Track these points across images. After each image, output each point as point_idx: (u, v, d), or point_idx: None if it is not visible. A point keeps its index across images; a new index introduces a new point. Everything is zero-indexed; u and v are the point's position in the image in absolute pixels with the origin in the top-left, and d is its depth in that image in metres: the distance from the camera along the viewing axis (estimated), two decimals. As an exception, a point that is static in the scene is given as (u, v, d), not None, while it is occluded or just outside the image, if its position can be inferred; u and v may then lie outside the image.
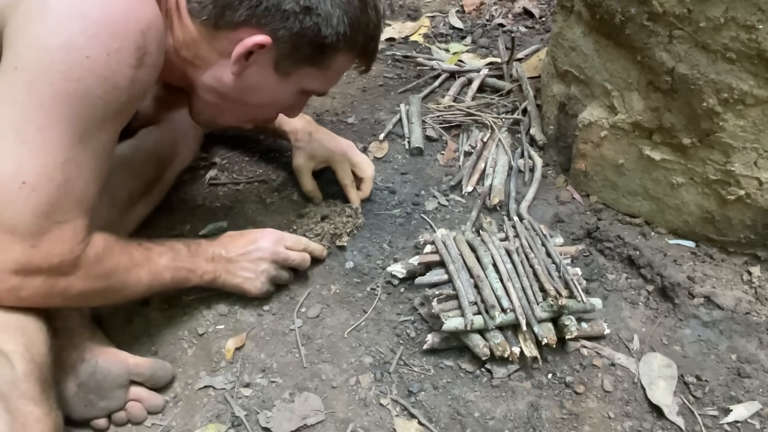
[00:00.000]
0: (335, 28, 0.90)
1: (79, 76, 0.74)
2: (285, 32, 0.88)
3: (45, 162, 0.75)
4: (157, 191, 1.20)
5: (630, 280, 1.20)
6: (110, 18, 0.74)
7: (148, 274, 0.93)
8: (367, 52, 0.99)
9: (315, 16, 0.88)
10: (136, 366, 0.94)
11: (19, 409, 0.68)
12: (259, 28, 0.88)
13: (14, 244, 0.76)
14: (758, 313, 1.11)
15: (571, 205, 1.35)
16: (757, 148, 1.08)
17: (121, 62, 0.76)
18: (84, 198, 0.81)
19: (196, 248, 1.02)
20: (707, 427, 0.97)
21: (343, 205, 1.27)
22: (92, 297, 0.88)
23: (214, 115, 1.04)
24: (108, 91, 0.76)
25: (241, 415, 0.95)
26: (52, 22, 0.73)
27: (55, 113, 0.74)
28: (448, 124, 1.57)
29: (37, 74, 0.73)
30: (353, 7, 0.91)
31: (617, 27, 1.15)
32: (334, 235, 1.22)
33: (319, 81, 0.99)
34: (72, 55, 0.73)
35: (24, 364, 0.75)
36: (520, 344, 1.01)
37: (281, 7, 0.86)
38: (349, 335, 1.08)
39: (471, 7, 2.14)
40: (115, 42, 0.74)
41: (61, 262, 0.79)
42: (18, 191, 0.74)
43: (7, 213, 0.75)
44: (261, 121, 1.11)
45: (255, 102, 0.99)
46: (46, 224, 0.77)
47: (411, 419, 0.96)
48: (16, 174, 0.74)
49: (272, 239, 1.08)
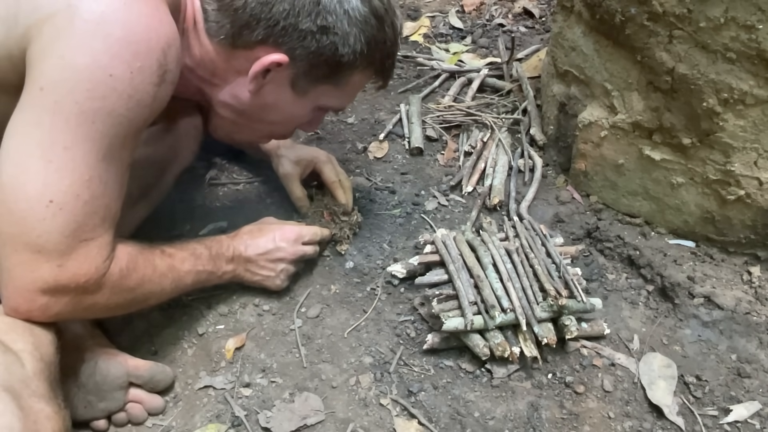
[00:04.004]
0: (352, 47, 0.90)
1: (103, 95, 0.74)
2: (302, 51, 0.89)
3: (72, 181, 0.75)
4: (157, 192, 1.20)
5: (630, 280, 1.20)
6: (133, 37, 0.75)
7: (171, 282, 0.94)
8: (384, 69, 1.00)
9: (332, 36, 0.88)
10: (135, 368, 0.94)
11: (30, 406, 0.68)
12: (277, 47, 0.88)
13: (42, 263, 0.76)
14: (758, 313, 1.11)
15: (571, 205, 1.35)
16: (757, 148, 1.08)
17: (144, 80, 0.76)
18: (108, 214, 0.81)
19: (217, 249, 1.02)
20: (707, 427, 0.97)
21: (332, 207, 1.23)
22: (117, 309, 0.90)
23: (230, 131, 1.05)
24: (131, 109, 0.77)
25: (241, 415, 0.95)
26: (77, 42, 0.73)
27: (81, 132, 0.75)
28: (448, 124, 1.57)
29: (62, 93, 0.73)
30: (370, 25, 0.91)
31: (617, 27, 1.15)
32: (335, 242, 1.22)
33: (336, 98, 1.00)
34: (96, 74, 0.73)
35: (33, 362, 0.75)
36: (520, 344, 1.01)
37: (298, 27, 0.86)
38: (349, 335, 1.08)
39: (471, 7, 2.14)
40: (138, 60, 0.75)
41: (88, 281, 0.80)
42: (45, 210, 0.75)
43: (35, 232, 0.75)
44: (278, 137, 1.12)
45: (272, 119, 1.00)
46: (74, 243, 0.78)
47: (411, 419, 0.96)
48: (43, 193, 0.74)
49: (291, 238, 1.09)
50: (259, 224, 1.12)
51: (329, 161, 1.28)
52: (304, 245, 1.11)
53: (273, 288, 1.10)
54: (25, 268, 0.77)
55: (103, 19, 0.73)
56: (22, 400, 0.67)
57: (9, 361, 0.72)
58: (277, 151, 1.28)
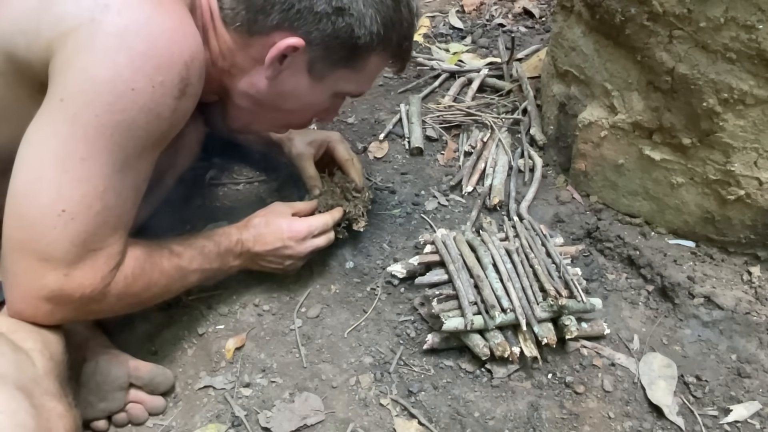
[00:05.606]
0: (368, 29, 0.89)
1: (123, 108, 0.74)
2: (318, 34, 0.88)
3: (86, 191, 0.75)
4: (157, 192, 1.20)
5: (630, 280, 1.20)
6: (155, 51, 0.74)
7: (178, 281, 0.94)
8: (401, 51, 0.99)
9: (348, 17, 0.87)
10: (135, 369, 0.95)
11: (43, 404, 0.68)
12: (292, 31, 0.87)
13: (48, 271, 0.77)
14: (758, 313, 1.11)
15: (571, 205, 1.35)
16: (757, 148, 1.08)
17: (165, 94, 0.76)
18: (120, 224, 0.81)
19: (226, 245, 1.01)
20: (707, 427, 0.97)
21: (344, 185, 1.19)
22: (122, 312, 0.90)
23: (248, 121, 1.04)
24: (150, 122, 0.77)
25: (241, 415, 0.95)
26: (99, 55, 0.73)
27: (99, 144, 0.74)
28: (448, 124, 1.57)
29: (82, 105, 0.73)
30: (386, 6, 0.90)
31: (617, 27, 1.15)
32: (350, 221, 1.17)
33: (353, 83, 0.99)
34: (118, 88, 0.73)
35: (44, 361, 0.75)
36: (520, 344, 1.01)
37: (314, 9, 0.86)
38: (349, 335, 1.08)
39: (471, 7, 2.14)
40: (160, 74, 0.75)
41: (93, 291, 0.80)
42: (57, 219, 0.75)
43: (45, 240, 0.75)
44: (296, 126, 1.11)
45: (290, 107, 0.99)
46: (82, 252, 0.78)
47: (411, 419, 0.96)
48: (55, 202, 0.75)
49: (300, 237, 1.07)
50: (268, 214, 1.08)
51: (342, 141, 1.27)
52: (315, 238, 1.09)
53: (282, 274, 1.12)
54: (31, 275, 0.77)
55: (127, 33, 0.73)
56: (34, 399, 0.67)
57: (20, 359, 0.72)
58: (289, 135, 1.26)
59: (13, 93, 0.79)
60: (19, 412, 0.64)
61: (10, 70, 0.77)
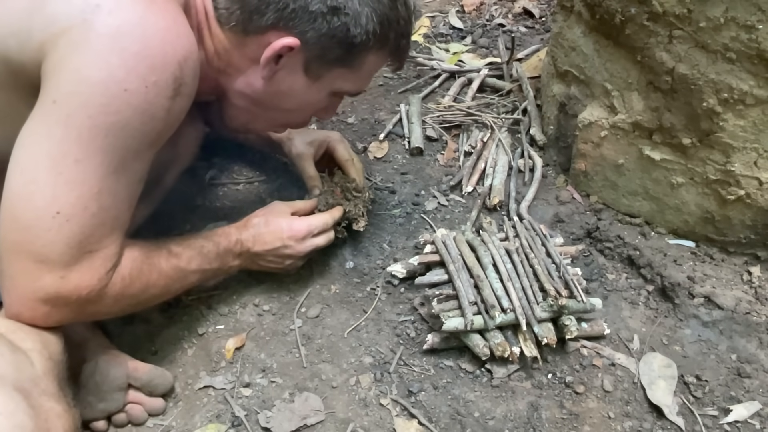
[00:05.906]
0: (364, 27, 0.89)
1: (117, 109, 0.74)
2: (313, 33, 0.88)
3: (80, 193, 0.75)
4: (157, 192, 1.20)
5: (630, 280, 1.20)
6: (148, 51, 0.74)
7: (177, 281, 0.94)
8: (399, 49, 0.98)
9: (343, 16, 0.87)
10: (134, 370, 0.94)
11: (41, 405, 0.68)
12: (287, 30, 0.87)
13: (44, 273, 0.76)
14: (758, 313, 1.11)
15: (571, 205, 1.35)
16: (757, 148, 1.08)
17: (159, 94, 0.76)
18: (116, 225, 0.81)
19: (225, 245, 1.01)
20: (707, 427, 0.97)
21: (344, 184, 1.19)
22: (120, 313, 0.90)
23: (246, 121, 1.04)
24: (145, 123, 0.77)
25: (241, 415, 0.95)
26: (92, 56, 0.72)
27: (93, 145, 0.74)
28: (448, 124, 1.57)
29: (75, 107, 0.73)
30: (382, 4, 0.89)
31: (617, 27, 1.15)
32: (350, 220, 1.17)
33: (351, 82, 0.98)
34: (111, 89, 0.73)
35: (42, 361, 0.75)
36: (520, 344, 1.01)
37: (308, 9, 0.86)
38: (349, 335, 1.08)
39: (471, 7, 2.14)
40: (153, 75, 0.74)
41: (90, 293, 0.80)
42: (52, 221, 0.75)
43: (40, 242, 0.75)
44: (294, 125, 1.10)
45: (287, 106, 0.99)
46: (78, 254, 0.77)
47: (411, 419, 0.96)
48: (50, 204, 0.74)
49: (300, 237, 1.07)
50: (268, 214, 1.08)
51: (342, 141, 1.27)
52: (315, 237, 1.09)
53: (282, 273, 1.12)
54: (27, 277, 0.77)
55: (119, 34, 0.73)
56: (32, 399, 0.67)
57: (19, 360, 0.72)
58: (289, 135, 1.26)
59: (6, 95, 0.79)
60: (17, 413, 0.64)
61: (2, 72, 0.77)
